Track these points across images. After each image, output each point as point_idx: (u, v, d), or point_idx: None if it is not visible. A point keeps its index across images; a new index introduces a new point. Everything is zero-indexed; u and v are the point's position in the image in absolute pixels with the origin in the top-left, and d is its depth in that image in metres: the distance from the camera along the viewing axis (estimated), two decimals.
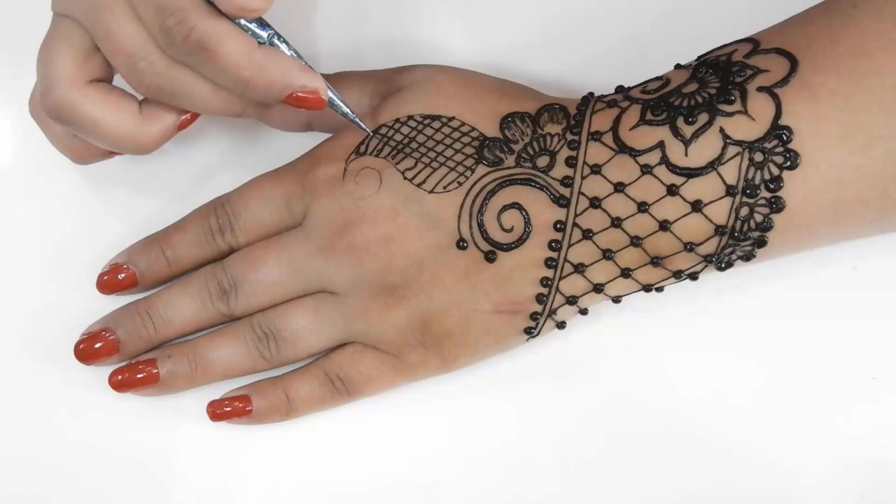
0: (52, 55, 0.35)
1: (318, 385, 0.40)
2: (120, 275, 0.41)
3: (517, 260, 0.37)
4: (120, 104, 0.35)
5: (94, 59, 0.35)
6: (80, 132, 0.36)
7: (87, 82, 0.35)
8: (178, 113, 0.36)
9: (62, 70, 0.34)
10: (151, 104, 0.36)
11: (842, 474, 0.40)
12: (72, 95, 0.34)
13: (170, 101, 0.35)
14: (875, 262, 0.41)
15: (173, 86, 0.34)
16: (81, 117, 0.35)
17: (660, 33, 0.43)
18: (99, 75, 0.35)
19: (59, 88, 0.34)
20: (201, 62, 0.33)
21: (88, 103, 0.35)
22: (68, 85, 0.34)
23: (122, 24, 0.33)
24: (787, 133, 0.34)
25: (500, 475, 0.41)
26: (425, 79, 0.39)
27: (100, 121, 0.35)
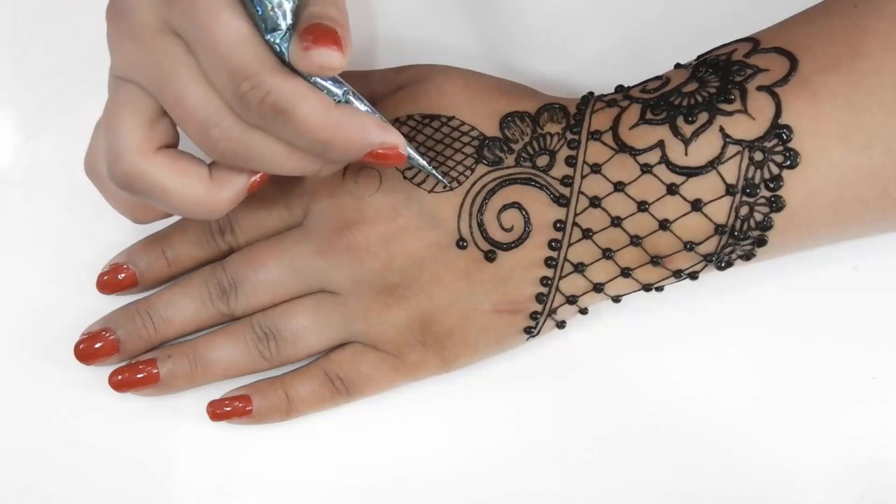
0: (119, 123, 0.33)
1: (318, 385, 0.40)
2: (120, 275, 0.41)
3: (517, 259, 0.37)
4: (190, 170, 0.34)
5: (161, 125, 0.34)
6: (150, 200, 0.34)
7: (156, 150, 0.33)
8: (249, 174, 0.35)
9: (129, 139, 0.33)
10: (222, 168, 0.34)
11: (842, 474, 0.40)
12: (141, 165, 0.33)
13: (244, 165, 0.33)
14: (875, 262, 0.41)
15: (248, 151, 0.33)
16: (151, 186, 0.33)
17: (660, 33, 0.43)
18: (166, 141, 0.34)
19: (127, 158, 0.33)
20: (278, 126, 0.32)
21: (158, 172, 0.33)
22: (137, 154, 0.33)
23: (194, 90, 0.32)
24: (787, 132, 0.34)
25: (500, 475, 0.41)
26: (425, 78, 0.39)
27: (170, 189, 0.33)
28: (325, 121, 0.32)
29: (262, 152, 0.33)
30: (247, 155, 0.33)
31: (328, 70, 0.30)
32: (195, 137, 0.33)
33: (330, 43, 0.30)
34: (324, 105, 0.32)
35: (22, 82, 0.40)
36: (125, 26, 0.32)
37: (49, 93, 0.43)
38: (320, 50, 0.30)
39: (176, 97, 0.32)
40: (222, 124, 0.32)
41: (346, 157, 0.33)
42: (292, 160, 0.33)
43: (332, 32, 0.30)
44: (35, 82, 0.39)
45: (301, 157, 0.33)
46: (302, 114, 0.31)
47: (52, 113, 0.39)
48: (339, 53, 0.30)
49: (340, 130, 0.32)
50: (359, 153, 0.33)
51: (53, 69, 0.44)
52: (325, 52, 0.30)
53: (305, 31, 0.30)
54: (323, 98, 0.32)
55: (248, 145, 0.32)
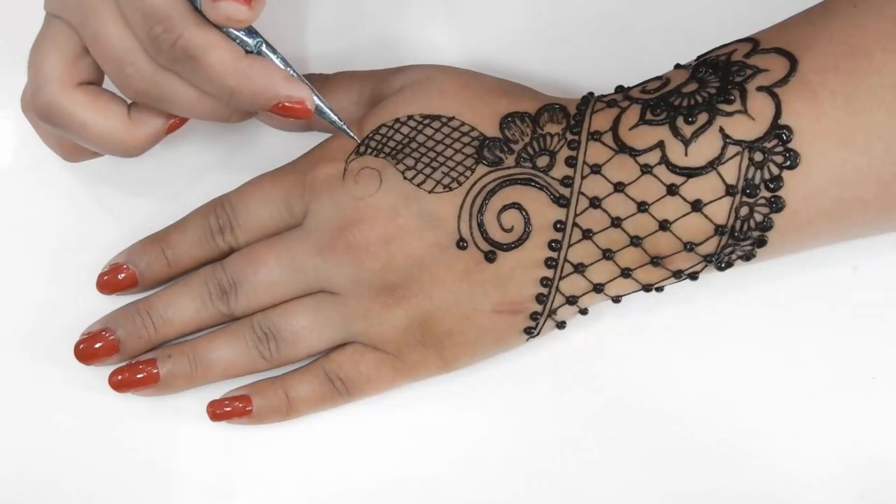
0: (42, 56, 0.35)
1: (318, 385, 0.40)
2: (120, 275, 0.41)
3: (517, 260, 0.37)
4: (108, 107, 0.35)
5: (84, 62, 0.35)
6: (68, 134, 0.36)
7: (76, 85, 0.35)
8: (166, 117, 0.36)
9: (51, 72, 0.34)
10: (140, 108, 0.36)
11: (842, 474, 0.40)
12: (60, 98, 0.34)
13: (157, 105, 0.35)
14: (875, 262, 0.41)
15: (160, 91, 0.34)
16: (69, 119, 0.35)
17: (659, 33, 0.43)
18: (88, 77, 0.35)
19: (47, 90, 0.34)
20: (187, 70, 0.33)
21: (76, 106, 0.35)
22: (57, 87, 0.34)
23: (111, 29, 0.33)
24: (787, 132, 0.34)
25: (500, 475, 0.41)
26: (425, 78, 0.39)
27: (87, 123, 0.35)
28: (232, 69, 0.33)
29: (174, 94, 0.34)
30: (159, 95, 0.34)
31: (234, 22, 0.32)
32: (111, 75, 0.34)
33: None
34: (232, 55, 0.33)
35: (22, 82, 0.39)
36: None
37: None
38: (227, 2, 0.32)
39: (95, 34, 0.33)
40: (136, 63, 0.33)
41: (253, 106, 0.35)
42: (202, 104, 0.35)
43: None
44: None
45: (211, 103, 0.35)
46: (210, 61, 0.33)
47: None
48: (246, 7, 0.32)
49: (247, 80, 0.33)
50: (266, 103, 0.34)
51: None
52: (231, 4, 0.32)
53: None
54: (233, 48, 0.33)
55: (160, 86, 0.34)
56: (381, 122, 0.38)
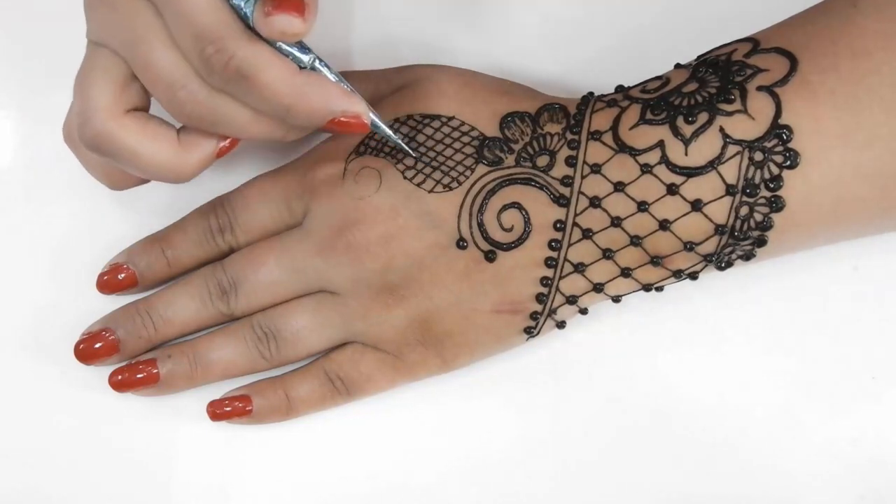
0: (89, 85, 0.34)
1: (318, 385, 0.40)
2: (120, 275, 0.41)
3: (517, 259, 0.37)
4: (158, 134, 0.34)
5: (132, 89, 0.34)
6: (119, 163, 0.35)
7: (125, 112, 0.34)
8: (218, 140, 0.35)
9: (100, 101, 0.33)
10: (190, 132, 0.35)
11: (842, 475, 0.40)
12: (109, 127, 0.33)
13: (210, 129, 0.34)
14: (875, 262, 0.41)
15: (214, 114, 0.33)
16: (119, 148, 0.34)
17: (660, 33, 0.43)
18: (137, 104, 0.34)
19: (96, 120, 0.33)
20: (242, 90, 0.32)
21: (126, 134, 0.34)
22: (106, 116, 0.33)
23: (161, 53, 0.32)
24: (787, 132, 0.34)
25: (500, 475, 0.41)
26: (425, 78, 0.39)
27: (138, 151, 0.34)
28: (288, 87, 0.32)
29: (228, 116, 0.33)
30: (212, 118, 0.33)
31: (289, 36, 0.31)
32: (163, 100, 0.33)
33: (291, 9, 0.31)
34: (287, 71, 0.32)
35: (22, 82, 0.39)
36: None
37: (49, 93, 0.43)
38: (281, 16, 0.31)
39: (145, 60, 0.32)
40: (189, 87, 0.32)
41: (309, 123, 0.34)
42: (257, 124, 0.34)
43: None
44: (35, 82, 0.39)
45: (266, 122, 0.34)
46: (265, 79, 0.32)
47: (52, 113, 0.39)
48: (300, 19, 0.31)
49: (304, 97, 0.33)
50: (322, 120, 0.34)
51: (54, 69, 0.43)
52: (286, 17, 0.31)
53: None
54: (287, 64, 0.32)
55: (213, 108, 0.33)
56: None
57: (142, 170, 0.35)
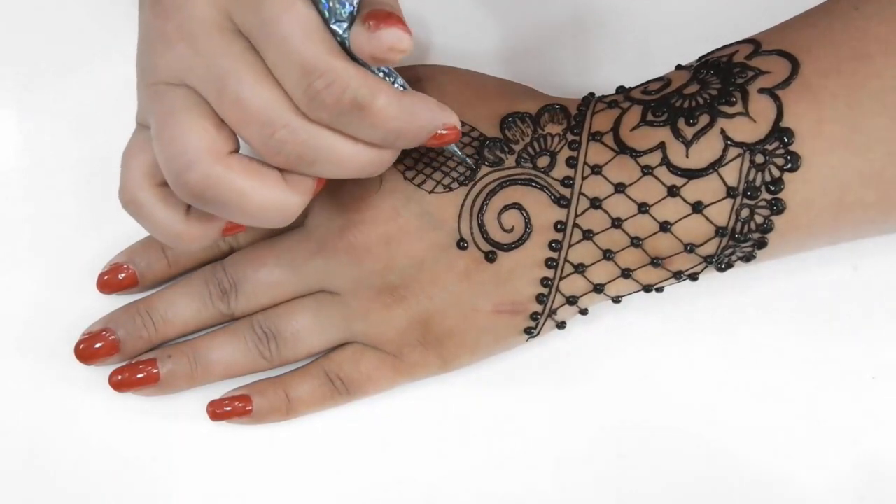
0: (183, 129, 0.30)
1: (318, 385, 0.40)
2: (120, 275, 0.41)
3: (517, 260, 0.37)
4: (264, 174, 0.31)
5: (226, 129, 0.31)
6: (223, 210, 0.31)
7: (228, 154, 0.31)
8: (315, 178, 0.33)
9: (200, 143, 0.30)
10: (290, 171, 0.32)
11: (842, 475, 0.40)
12: (216, 169, 0.30)
13: (307, 169, 0.32)
14: (875, 263, 0.41)
15: (315, 152, 0.31)
16: (229, 192, 0.31)
17: (661, 34, 0.43)
18: (233, 147, 0.31)
19: (201, 165, 0.30)
20: (354, 121, 0.30)
21: (235, 176, 0.31)
22: (212, 159, 0.30)
23: (257, 90, 0.30)
24: (788, 135, 0.34)
25: (500, 475, 0.41)
26: (426, 79, 0.39)
27: (248, 194, 0.31)
28: (398, 110, 0.31)
29: (330, 152, 0.31)
30: (313, 156, 0.31)
31: (398, 52, 0.29)
32: (257, 141, 0.31)
33: (396, 23, 0.29)
34: (396, 95, 0.31)
35: (22, 82, 0.39)
36: (176, 23, 0.30)
37: (49, 93, 0.43)
38: (389, 30, 0.29)
39: (236, 99, 0.30)
40: (290, 125, 0.30)
41: (414, 143, 0.32)
42: (357, 158, 0.32)
43: (395, 14, 0.29)
44: (35, 82, 0.39)
45: (366, 153, 0.32)
46: (379, 106, 0.30)
47: (52, 113, 0.39)
48: (408, 34, 0.29)
49: (413, 118, 0.31)
50: (427, 136, 0.33)
51: (54, 69, 0.44)
52: (393, 31, 0.29)
53: (369, 16, 0.29)
54: (392, 87, 0.31)
55: (314, 146, 0.31)
56: None
57: (249, 213, 0.32)
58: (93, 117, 0.43)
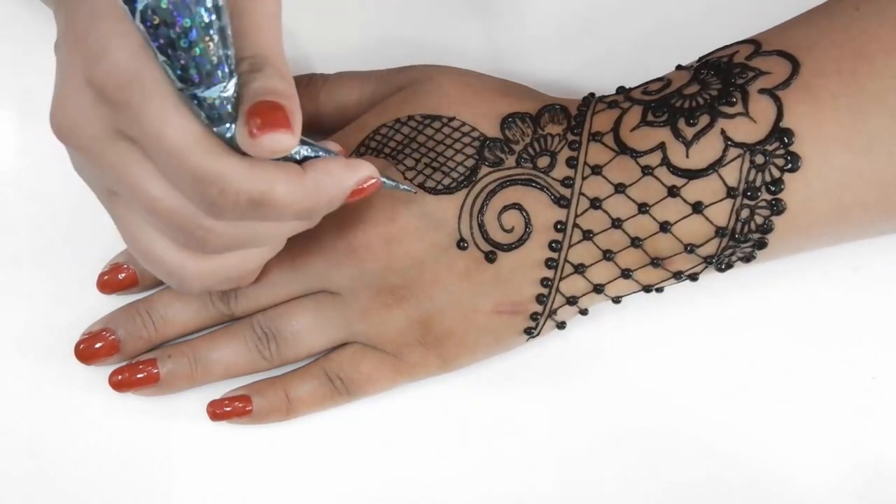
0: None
1: (318, 385, 0.40)
2: (120, 274, 0.41)
3: (517, 260, 0.37)
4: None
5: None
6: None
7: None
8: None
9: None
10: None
11: (842, 475, 0.40)
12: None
13: (239, 250, 0.33)
14: (875, 263, 0.41)
15: (239, 240, 0.32)
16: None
17: (661, 34, 0.43)
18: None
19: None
20: (259, 215, 0.30)
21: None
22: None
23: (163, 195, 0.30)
24: (789, 135, 0.34)
25: (500, 475, 0.41)
26: (426, 79, 0.39)
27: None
28: (301, 193, 0.30)
29: (254, 236, 0.32)
30: (238, 243, 0.32)
31: (280, 153, 0.28)
32: (182, 242, 0.32)
33: (277, 125, 0.27)
34: (294, 178, 0.30)
35: (22, 82, 0.39)
36: (74, 142, 0.30)
37: (49, 93, 0.43)
38: (268, 135, 0.27)
39: (149, 207, 0.30)
40: (204, 225, 0.30)
41: (333, 208, 0.32)
42: (283, 230, 0.33)
43: (279, 109, 0.27)
44: (35, 82, 0.39)
45: (291, 226, 0.33)
46: (279, 196, 0.29)
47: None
48: (289, 134, 0.27)
49: (319, 193, 0.31)
50: (343, 199, 0.32)
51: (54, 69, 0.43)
52: (273, 136, 0.27)
53: (250, 114, 0.27)
54: (292, 171, 0.30)
55: (236, 236, 0.31)
56: (382, 122, 0.38)
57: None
58: None
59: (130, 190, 0.30)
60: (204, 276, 0.33)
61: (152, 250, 0.33)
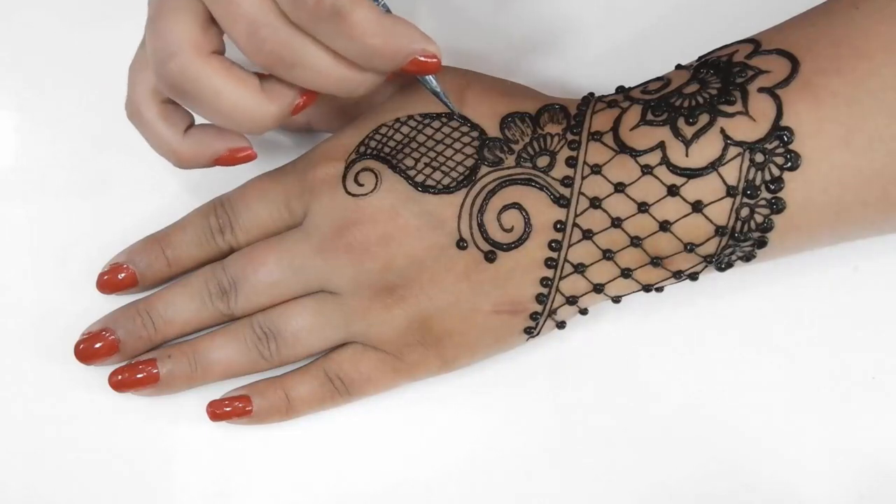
0: (172, 23, 0.33)
1: (317, 385, 0.40)
2: (120, 275, 0.41)
3: (517, 260, 0.37)
4: (242, 77, 0.33)
5: (213, 30, 0.33)
6: (199, 105, 0.34)
7: (210, 52, 0.33)
8: (297, 92, 0.35)
9: (185, 38, 0.32)
10: (272, 81, 0.34)
11: (842, 474, 0.40)
12: (196, 64, 0.33)
13: (289, 72, 0.33)
14: (875, 263, 0.41)
15: (294, 55, 0.32)
16: (204, 87, 0.33)
17: (661, 33, 0.43)
18: (217, 48, 0.34)
19: (182, 56, 0.32)
20: (331, 29, 0.32)
21: (212, 73, 0.33)
22: (193, 53, 0.32)
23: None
24: (788, 134, 0.34)
25: (500, 475, 0.41)
26: None
27: (222, 92, 0.33)
28: (377, 27, 0.32)
29: (308, 58, 0.32)
30: (292, 59, 0.32)
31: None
32: (242, 38, 0.32)
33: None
34: (376, 12, 0.32)
35: (22, 82, 0.39)
36: None
37: (49, 93, 0.43)
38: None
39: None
40: (273, 24, 0.32)
41: (391, 65, 0.33)
42: (336, 70, 0.33)
43: None
44: (35, 82, 0.39)
45: (342, 70, 0.33)
46: (357, 18, 0.31)
47: (52, 113, 0.39)
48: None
49: (391, 37, 0.32)
50: (405, 60, 0.33)
51: (54, 69, 0.44)
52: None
53: None
54: (374, 5, 0.32)
55: (295, 50, 0.32)
56: (382, 121, 0.38)
57: (223, 113, 0.34)
58: (93, 117, 0.43)
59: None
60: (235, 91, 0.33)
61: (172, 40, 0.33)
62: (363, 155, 0.38)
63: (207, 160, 0.36)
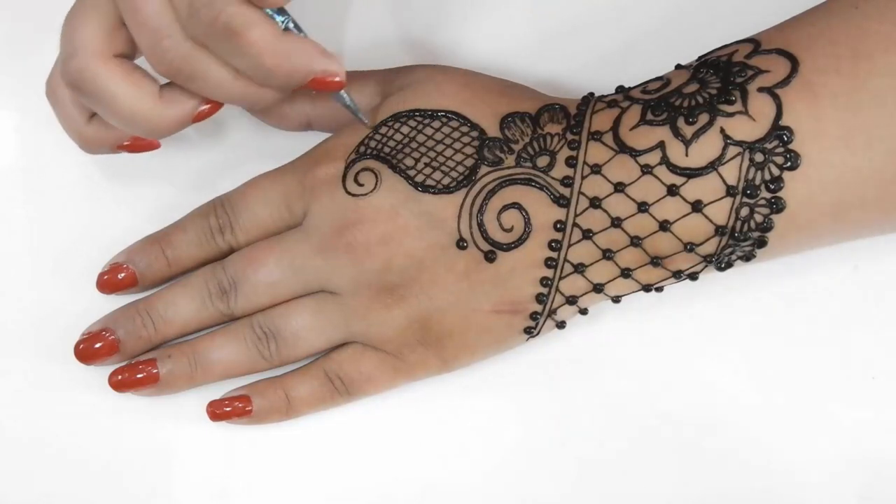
0: (79, 23, 0.34)
1: (318, 385, 0.40)
2: (120, 274, 0.41)
3: (517, 260, 0.37)
4: (141, 83, 0.34)
5: (121, 34, 0.34)
6: (96, 105, 0.35)
7: (112, 55, 0.34)
8: (198, 101, 0.36)
9: (88, 39, 0.34)
10: (172, 88, 0.35)
11: (842, 474, 0.40)
12: (94, 65, 0.34)
13: (188, 83, 0.34)
14: (875, 262, 0.41)
15: (193, 68, 0.33)
16: (100, 89, 0.34)
17: (660, 33, 0.43)
18: (123, 51, 0.35)
19: (82, 57, 0.34)
20: (227, 47, 0.32)
21: (109, 76, 0.34)
22: (92, 54, 0.34)
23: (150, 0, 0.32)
24: (788, 134, 0.34)
25: (500, 475, 0.41)
26: (425, 78, 0.39)
27: (118, 96, 0.34)
28: (271, 47, 0.32)
29: (207, 72, 0.34)
30: (191, 72, 0.33)
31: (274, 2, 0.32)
32: (146, 47, 0.33)
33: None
34: (273, 32, 0.33)
35: (22, 82, 0.39)
36: None
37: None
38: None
39: (134, 5, 0.32)
40: (174, 36, 0.32)
41: (288, 84, 0.34)
42: (234, 85, 0.34)
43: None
44: (35, 82, 0.39)
45: (243, 83, 0.34)
46: (252, 38, 0.32)
47: (52, 113, 0.39)
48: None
49: (287, 57, 0.33)
50: (302, 80, 0.34)
51: None
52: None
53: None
54: (273, 25, 0.33)
55: (194, 63, 0.33)
56: (382, 121, 0.38)
57: (119, 116, 0.35)
58: None
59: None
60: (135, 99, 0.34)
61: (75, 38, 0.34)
62: (363, 155, 0.38)
63: (111, 145, 0.37)
